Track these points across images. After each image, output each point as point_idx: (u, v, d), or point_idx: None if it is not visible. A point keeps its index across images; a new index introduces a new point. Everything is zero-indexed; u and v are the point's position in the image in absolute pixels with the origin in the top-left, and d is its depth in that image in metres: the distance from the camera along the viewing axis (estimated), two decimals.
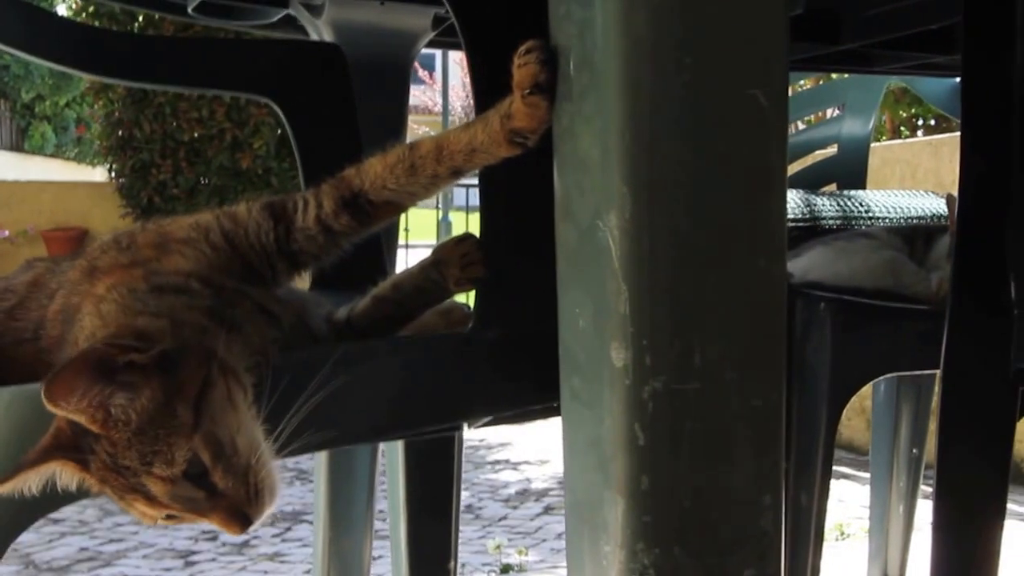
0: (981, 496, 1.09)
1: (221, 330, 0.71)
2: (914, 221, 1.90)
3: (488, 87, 0.73)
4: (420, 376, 0.81)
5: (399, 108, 1.59)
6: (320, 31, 1.54)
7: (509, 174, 0.74)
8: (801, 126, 2.47)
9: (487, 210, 0.81)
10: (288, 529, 2.68)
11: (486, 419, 0.84)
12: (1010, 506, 2.87)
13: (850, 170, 2.11)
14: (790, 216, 1.85)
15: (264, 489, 0.70)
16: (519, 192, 0.77)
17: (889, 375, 1.86)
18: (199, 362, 0.68)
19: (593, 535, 0.59)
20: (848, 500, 3.01)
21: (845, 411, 3.85)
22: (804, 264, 1.65)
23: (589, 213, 0.60)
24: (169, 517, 0.70)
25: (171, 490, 0.67)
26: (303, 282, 1.34)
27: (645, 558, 0.57)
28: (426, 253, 0.86)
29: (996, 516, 1.10)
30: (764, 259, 0.59)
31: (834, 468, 3.88)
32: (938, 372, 1.08)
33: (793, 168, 2.13)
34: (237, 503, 0.68)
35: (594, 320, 0.59)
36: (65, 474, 0.68)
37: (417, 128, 14.00)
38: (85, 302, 0.71)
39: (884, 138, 5.37)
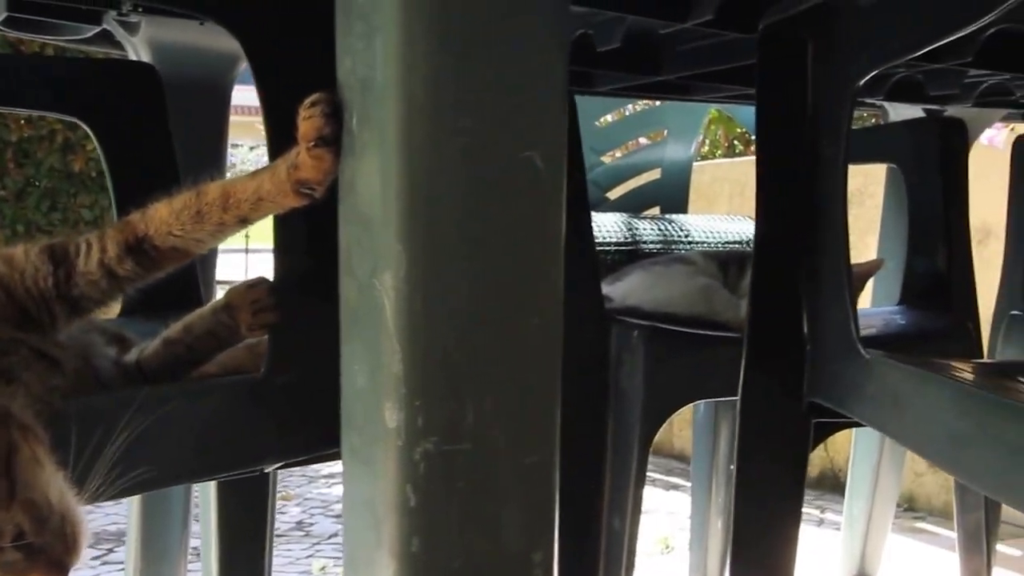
0: (776, 521, 1.14)
1: (4, 385, 0.69)
2: (731, 246, 1.98)
3: (281, 133, 0.72)
4: (212, 421, 0.80)
5: (219, 129, 1.56)
6: (137, 50, 1.49)
7: (305, 218, 0.73)
8: (645, 141, 2.53)
9: (281, 254, 0.80)
10: (110, 551, 2.58)
11: (280, 463, 0.83)
12: (827, 515, 3.00)
13: (672, 194, 2.18)
14: (612, 240, 1.89)
15: (79, 535, 0.69)
16: (314, 237, 0.77)
17: (700, 400, 1.92)
18: None
19: None
20: (678, 512, 3.10)
21: (678, 423, 3.95)
22: (623, 288, 1.69)
23: (367, 270, 0.60)
24: None
25: None
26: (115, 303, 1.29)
27: None
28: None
29: (789, 540, 1.15)
30: (539, 318, 0.60)
31: (666, 479, 3.98)
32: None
33: (617, 192, 2.18)
34: (56, 556, 0.67)
35: (370, 378, 0.59)
36: None
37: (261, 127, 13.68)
38: None
39: (719, 153, 5.55)
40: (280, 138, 0.72)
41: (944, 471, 0.89)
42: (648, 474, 4.02)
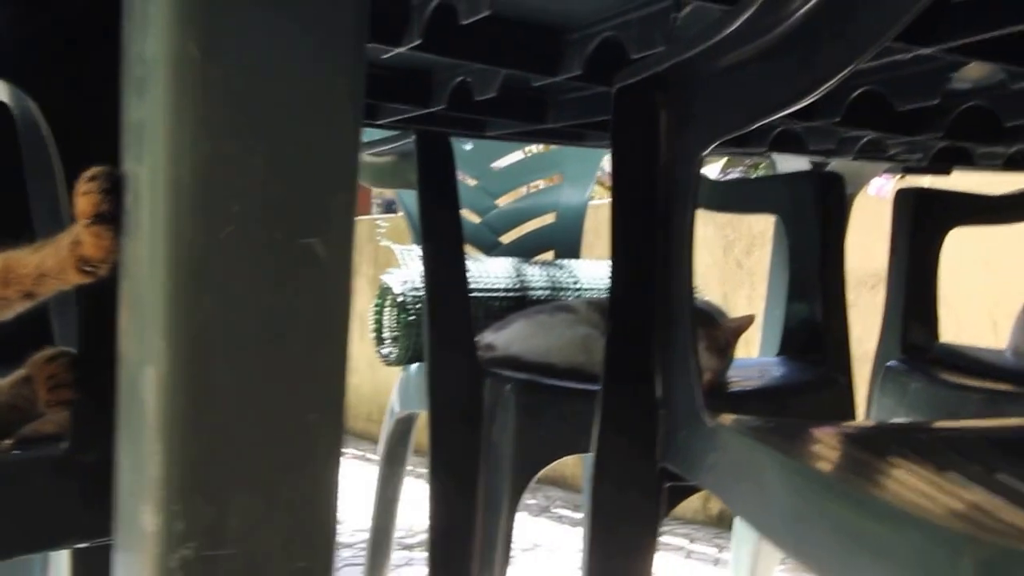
0: None
1: None
2: None
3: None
4: (11, 499, 0.76)
5: None
6: None
7: (112, 286, 0.70)
8: (542, 184, 2.51)
9: (85, 325, 0.76)
10: None
11: (86, 543, 0.80)
12: (723, 554, 3.00)
13: (566, 238, 2.17)
14: (500, 286, 1.87)
15: None
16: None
17: (571, 455, 1.91)
18: None
19: None
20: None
21: (583, 456, 3.91)
22: (506, 337, 1.68)
23: (135, 364, 0.57)
24: None
25: None
26: None
27: None
28: None
29: None
30: (319, 414, 0.57)
31: (572, 515, 3.96)
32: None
33: (511, 236, 2.17)
34: None
35: (133, 478, 0.56)
36: None
37: None
38: None
39: None
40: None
41: (778, 549, 0.88)
42: (555, 510, 4.01)
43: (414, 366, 1.82)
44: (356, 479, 2.01)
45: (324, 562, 0.57)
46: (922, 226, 1.75)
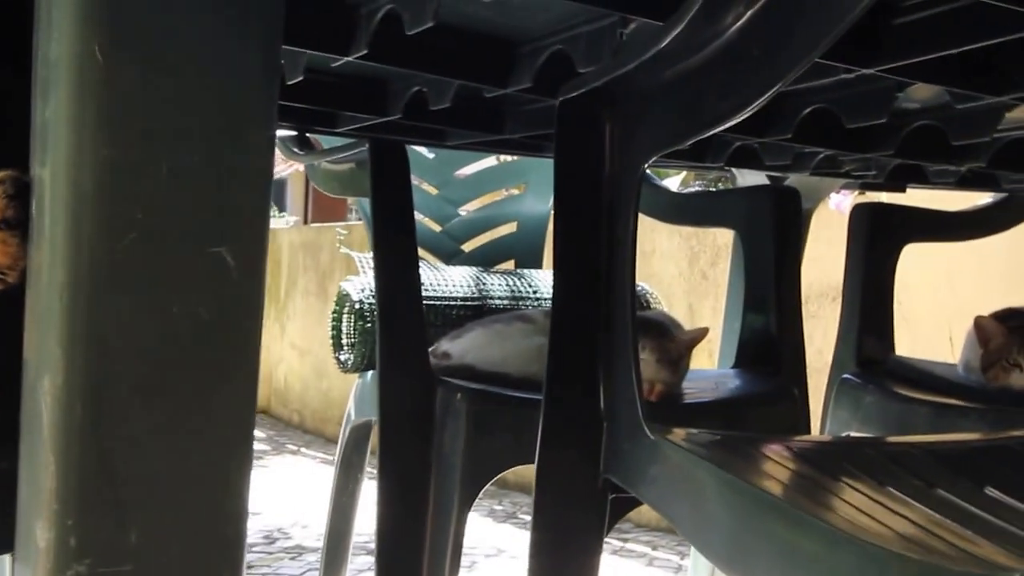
0: None
1: None
2: None
3: None
4: None
5: None
6: None
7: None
8: (514, 192, 2.49)
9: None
10: None
11: (3, 552, 0.78)
12: (686, 561, 2.99)
13: (528, 247, 2.16)
14: (459, 295, 1.87)
15: None
16: None
17: (522, 465, 1.90)
18: None
19: None
20: None
21: None
22: (463, 346, 1.67)
23: (34, 371, 0.55)
24: None
25: None
26: None
27: None
28: None
29: None
30: (227, 430, 0.56)
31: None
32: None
33: (473, 244, 2.16)
34: None
35: (29, 491, 0.55)
36: None
37: None
38: None
39: None
40: None
41: (713, 564, 0.88)
42: (521, 516, 3.99)
43: (370, 373, 1.80)
44: (327, 485, 2.00)
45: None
46: (878, 241, 1.76)
